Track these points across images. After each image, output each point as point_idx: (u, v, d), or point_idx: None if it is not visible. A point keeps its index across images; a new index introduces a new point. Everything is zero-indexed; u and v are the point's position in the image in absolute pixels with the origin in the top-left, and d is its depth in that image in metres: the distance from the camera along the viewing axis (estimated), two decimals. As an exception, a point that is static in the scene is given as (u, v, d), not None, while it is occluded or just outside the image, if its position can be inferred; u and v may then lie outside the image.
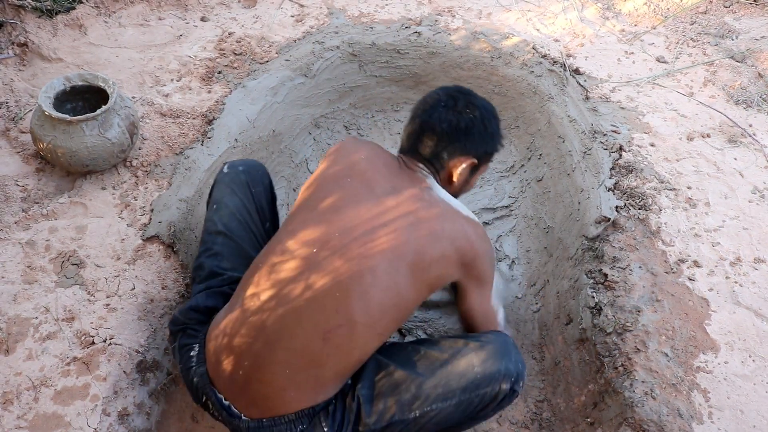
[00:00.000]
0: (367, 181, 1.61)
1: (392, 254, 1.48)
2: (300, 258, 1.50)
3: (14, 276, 1.86)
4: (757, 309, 1.87)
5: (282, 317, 1.46)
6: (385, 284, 1.47)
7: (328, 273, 1.46)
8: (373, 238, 1.49)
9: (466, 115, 1.65)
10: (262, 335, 1.46)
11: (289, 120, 2.86)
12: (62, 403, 1.61)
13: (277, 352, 1.45)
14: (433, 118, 1.65)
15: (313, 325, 1.45)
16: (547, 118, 2.79)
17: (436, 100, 1.68)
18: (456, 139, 1.65)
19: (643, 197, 2.19)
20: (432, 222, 1.53)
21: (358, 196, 1.57)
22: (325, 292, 1.45)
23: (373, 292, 1.46)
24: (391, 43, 3.00)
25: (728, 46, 2.89)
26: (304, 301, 1.45)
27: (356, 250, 1.48)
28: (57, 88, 2.10)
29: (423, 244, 1.51)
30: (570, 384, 2.07)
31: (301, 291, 1.46)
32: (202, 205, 2.24)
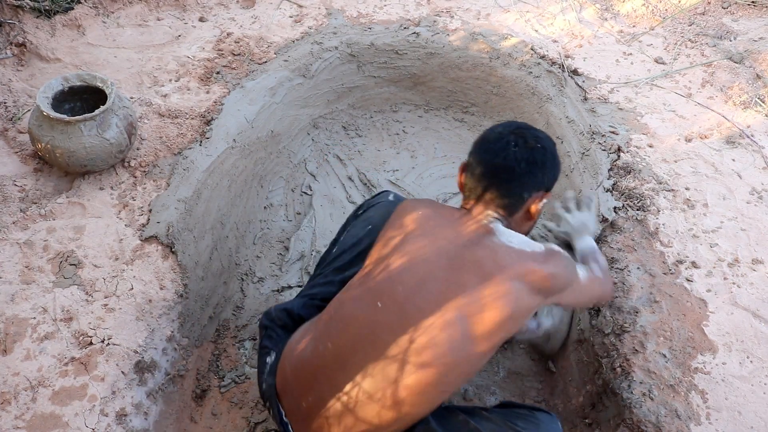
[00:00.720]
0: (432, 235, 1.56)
1: (458, 311, 1.45)
2: (366, 317, 1.50)
3: (12, 276, 1.86)
4: (755, 310, 1.87)
5: (364, 365, 1.46)
6: (452, 341, 1.44)
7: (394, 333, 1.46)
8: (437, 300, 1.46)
9: (538, 150, 1.58)
10: (329, 383, 1.48)
11: (288, 120, 2.86)
12: (60, 404, 1.61)
13: (339, 410, 1.47)
14: (509, 160, 1.56)
15: (378, 388, 1.45)
16: (546, 118, 2.79)
17: (504, 142, 1.59)
18: (534, 176, 1.58)
19: (642, 198, 2.19)
20: (495, 269, 1.47)
21: (422, 251, 1.54)
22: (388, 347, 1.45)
23: (439, 350, 1.43)
24: (389, 44, 3.01)
25: (726, 47, 2.90)
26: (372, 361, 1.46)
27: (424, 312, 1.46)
28: (55, 88, 2.10)
29: (489, 296, 1.45)
30: (568, 385, 2.07)
31: (368, 349, 1.47)
32: (200, 206, 2.24)
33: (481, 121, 3.14)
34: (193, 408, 2.02)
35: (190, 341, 2.08)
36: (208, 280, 2.23)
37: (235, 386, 2.10)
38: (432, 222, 1.59)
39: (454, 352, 1.44)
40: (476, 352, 1.47)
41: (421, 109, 3.23)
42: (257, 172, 2.68)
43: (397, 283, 1.49)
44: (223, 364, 2.17)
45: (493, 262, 1.47)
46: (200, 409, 2.04)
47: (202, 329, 2.19)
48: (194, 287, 2.11)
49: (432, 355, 1.42)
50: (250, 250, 2.57)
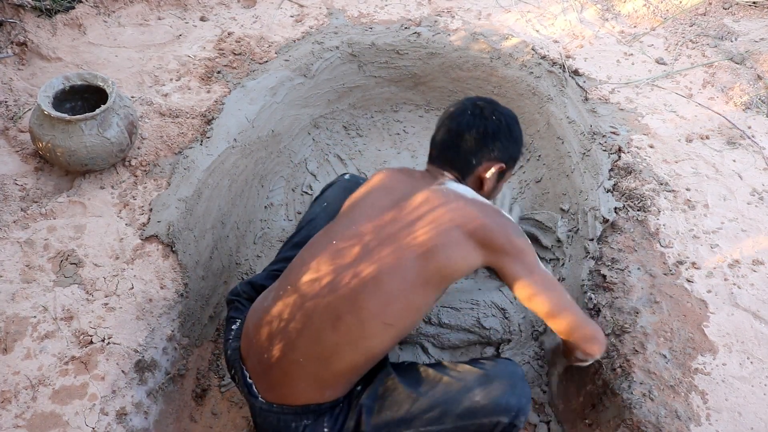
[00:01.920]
0: (387, 189, 1.70)
1: (397, 246, 1.54)
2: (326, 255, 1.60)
3: (13, 275, 1.86)
4: (755, 311, 1.87)
5: (301, 308, 1.55)
6: (391, 273, 1.52)
7: (346, 268, 1.56)
8: (382, 237, 1.57)
9: (492, 121, 1.69)
10: (288, 326, 1.56)
11: (288, 120, 2.86)
12: (60, 403, 1.61)
13: (297, 341, 1.53)
14: (461, 125, 1.69)
15: (326, 313, 1.52)
16: (546, 119, 2.79)
17: (462, 109, 1.73)
18: (484, 144, 1.69)
19: (642, 199, 2.19)
20: (436, 211, 1.56)
21: (379, 201, 1.67)
22: (342, 281, 1.55)
23: (379, 281, 1.51)
24: (390, 44, 3.01)
25: (727, 48, 2.89)
26: (321, 297, 1.55)
27: (368, 250, 1.56)
28: (56, 87, 2.10)
29: (427, 232, 1.54)
30: (568, 385, 2.07)
31: (320, 288, 1.56)
32: (201, 205, 2.24)
33: (482, 121, 3.13)
34: (193, 407, 2.02)
35: (191, 340, 2.08)
36: (208, 280, 2.23)
37: (235, 386, 2.10)
38: (392, 179, 1.74)
39: (393, 279, 1.52)
40: (413, 281, 1.53)
41: (422, 109, 3.23)
42: (258, 171, 2.68)
43: (351, 223, 1.64)
44: (223, 363, 2.17)
45: (429, 202, 1.59)
46: (200, 408, 2.04)
47: (203, 329, 2.19)
48: (195, 286, 2.11)
49: (377, 287, 1.51)
50: (250, 250, 2.57)
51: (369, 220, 1.62)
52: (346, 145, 3.08)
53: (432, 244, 1.53)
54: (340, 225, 1.67)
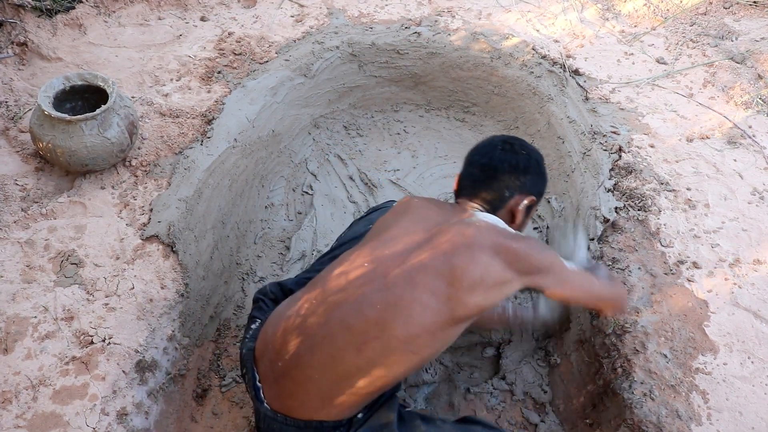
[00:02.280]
0: (419, 217, 1.70)
1: (432, 278, 1.52)
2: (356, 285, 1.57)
3: (13, 275, 1.86)
4: (756, 310, 1.87)
5: (325, 325, 1.53)
6: (425, 308, 1.50)
7: (376, 292, 1.53)
8: (414, 266, 1.55)
9: (523, 156, 1.71)
10: (308, 339, 1.53)
11: (289, 120, 2.86)
12: (61, 403, 1.61)
13: (315, 356, 1.51)
14: (494, 159, 1.71)
15: (351, 334, 1.49)
16: (547, 118, 2.79)
17: (492, 145, 1.75)
18: (517, 178, 1.70)
19: (643, 198, 2.19)
20: (467, 241, 1.56)
21: (410, 228, 1.66)
22: (370, 305, 1.51)
23: (411, 311, 1.49)
24: (390, 44, 3.01)
25: (728, 48, 2.89)
26: (351, 316, 1.52)
27: (401, 274, 1.54)
28: (56, 87, 2.10)
29: (460, 262, 1.52)
30: (569, 385, 2.07)
31: (348, 307, 1.54)
32: (201, 205, 2.24)
33: (482, 120, 3.13)
34: (193, 407, 2.02)
35: (191, 341, 2.08)
36: (209, 280, 2.23)
37: (236, 386, 2.10)
38: (421, 209, 1.73)
39: (425, 313, 1.50)
40: (446, 319, 1.52)
41: (422, 108, 3.23)
42: (258, 171, 2.68)
43: (384, 247, 1.62)
44: (224, 363, 2.17)
45: (463, 234, 1.57)
46: (201, 408, 2.04)
47: (203, 329, 2.19)
48: (195, 286, 2.11)
49: (409, 316, 1.49)
50: (251, 250, 2.57)
51: (403, 246, 1.61)
52: (346, 145, 3.08)
53: (470, 282, 1.52)
54: (373, 246, 1.65)
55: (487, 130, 3.11)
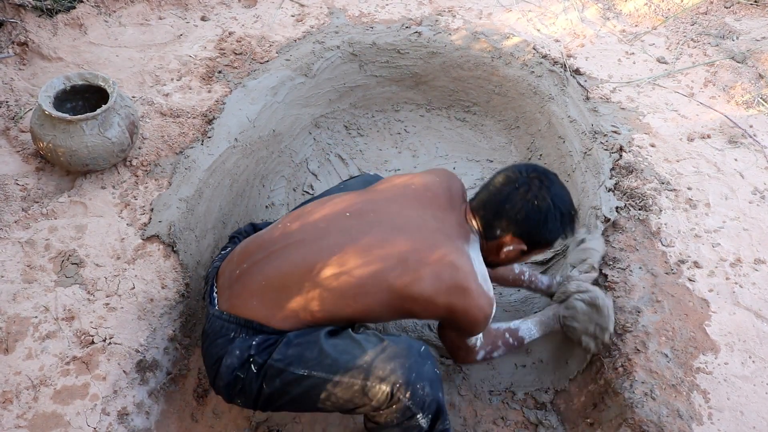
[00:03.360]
0: (425, 197, 1.77)
1: (402, 244, 1.63)
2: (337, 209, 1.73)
3: (14, 275, 1.86)
4: (757, 310, 1.87)
5: (286, 238, 1.69)
6: (382, 258, 1.61)
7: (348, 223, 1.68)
8: (397, 223, 1.67)
9: (532, 206, 1.66)
10: (265, 249, 1.69)
11: (290, 120, 2.86)
12: (62, 403, 1.61)
13: (270, 264, 1.65)
14: (502, 193, 1.70)
15: (307, 252, 1.64)
16: (548, 118, 2.79)
17: (515, 177, 1.71)
18: (513, 222, 1.68)
19: (644, 198, 2.19)
20: (445, 266, 1.61)
21: (411, 200, 1.75)
22: (329, 251, 1.62)
23: (368, 255, 1.61)
24: (391, 43, 3.00)
25: (729, 47, 2.89)
26: (316, 245, 1.65)
27: (377, 238, 1.65)
28: (57, 87, 2.10)
29: (425, 276, 1.59)
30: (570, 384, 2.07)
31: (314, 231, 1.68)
32: (202, 205, 2.24)
33: (483, 120, 3.13)
34: (194, 407, 2.02)
35: (192, 340, 2.08)
36: (209, 280, 2.23)
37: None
38: (433, 192, 1.80)
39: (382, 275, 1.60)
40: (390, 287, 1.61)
41: (423, 108, 3.23)
42: (259, 171, 2.68)
43: (368, 202, 1.75)
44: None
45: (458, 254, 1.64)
46: (202, 408, 2.04)
47: (204, 328, 2.19)
48: (196, 286, 2.11)
49: (363, 263, 1.60)
50: (251, 250, 2.57)
51: (395, 206, 1.72)
52: (347, 145, 3.08)
53: (418, 290, 1.60)
54: (364, 191, 1.81)
55: (487, 130, 3.11)
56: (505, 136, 3.06)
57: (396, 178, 1.89)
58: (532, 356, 2.21)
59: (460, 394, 2.15)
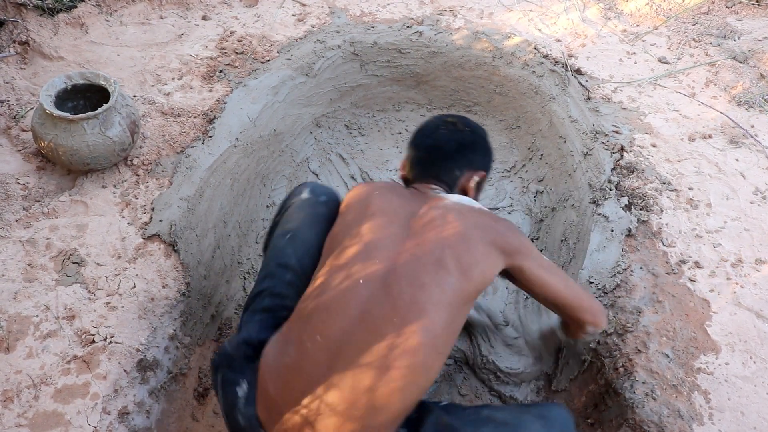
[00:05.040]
0: (389, 213, 1.59)
1: (434, 274, 1.45)
2: (349, 296, 1.45)
3: (15, 274, 1.86)
4: (758, 310, 1.87)
5: (344, 358, 1.38)
6: (438, 305, 1.43)
7: (382, 302, 1.43)
8: (413, 268, 1.46)
9: (467, 133, 1.76)
10: (326, 380, 1.37)
11: (290, 119, 2.86)
12: (62, 402, 1.61)
13: (343, 393, 1.36)
14: (439, 140, 1.73)
15: (378, 358, 1.36)
16: (549, 118, 2.79)
17: (434, 126, 1.77)
18: (464, 155, 1.74)
19: (645, 198, 2.19)
20: (455, 226, 1.52)
21: (388, 230, 1.55)
22: (383, 320, 1.40)
23: (427, 311, 1.41)
24: (392, 43, 3.00)
25: (730, 47, 2.89)
26: (365, 337, 1.39)
27: (404, 279, 1.45)
28: (58, 86, 2.10)
29: (457, 249, 1.49)
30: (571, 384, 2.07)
31: (359, 326, 1.41)
32: (203, 204, 2.24)
33: (484, 120, 3.13)
34: (195, 406, 2.02)
35: (193, 340, 2.08)
36: (210, 279, 2.23)
37: None
38: (385, 201, 1.63)
39: (439, 310, 1.42)
40: (458, 306, 1.47)
41: (424, 108, 3.23)
42: (260, 170, 2.68)
43: (368, 258, 1.49)
44: None
45: (446, 219, 1.54)
46: (202, 407, 2.04)
47: (205, 328, 2.19)
48: (196, 286, 2.11)
49: (427, 319, 1.40)
50: (252, 249, 2.57)
51: (390, 252, 1.50)
52: (348, 144, 3.08)
53: (467, 264, 1.48)
54: (355, 258, 1.51)
55: (488, 130, 3.09)
56: (506, 136, 3.06)
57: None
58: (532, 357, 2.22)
59: (461, 394, 2.15)
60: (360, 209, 1.63)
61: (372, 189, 1.69)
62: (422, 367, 1.40)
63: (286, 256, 1.65)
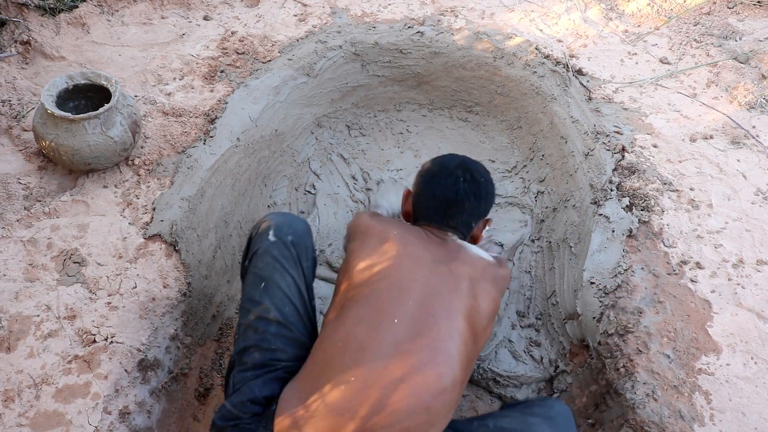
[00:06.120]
0: (413, 259, 1.63)
1: (462, 316, 1.55)
2: (382, 336, 1.47)
3: (16, 274, 1.86)
4: (759, 311, 1.87)
5: (379, 399, 1.40)
6: (464, 340, 1.53)
7: (416, 343, 1.47)
8: (445, 306, 1.55)
9: (483, 184, 1.79)
10: (360, 422, 1.38)
11: (292, 119, 2.86)
12: (63, 401, 1.61)
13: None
14: (459, 196, 1.75)
15: (417, 399, 1.41)
16: (550, 118, 2.79)
17: (455, 178, 1.77)
18: (479, 207, 1.79)
19: (646, 198, 2.19)
20: (481, 282, 1.64)
21: (413, 274, 1.59)
22: (420, 363, 1.44)
23: (456, 352, 1.49)
24: (393, 43, 3.00)
25: (732, 47, 2.89)
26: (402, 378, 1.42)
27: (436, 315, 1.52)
28: (59, 86, 2.10)
29: (482, 304, 1.61)
30: (571, 385, 2.06)
31: (394, 367, 1.43)
32: (204, 204, 2.25)
33: (485, 120, 3.13)
34: (196, 406, 2.02)
35: (193, 340, 2.08)
36: (211, 279, 2.23)
37: None
38: (407, 244, 1.67)
39: (467, 350, 1.53)
40: (480, 346, 1.61)
41: (425, 108, 3.23)
42: (261, 170, 2.68)
43: (406, 298, 1.53)
44: (226, 362, 2.17)
45: (474, 269, 1.65)
46: (203, 407, 2.04)
47: (206, 328, 2.19)
48: (197, 285, 2.11)
49: (453, 368, 1.47)
50: (253, 249, 2.57)
51: (418, 294, 1.55)
52: (349, 145, 3.08)
53: (484, 308, 1.61)
54: (386, 301, 1.53)
55: (489, 130, 3.11)
56: (508, 137, 3.06)
57: None
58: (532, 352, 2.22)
59: (462, 394, 2.15)
60: (384, 251, 1.65)
61: (392, 228, 1.72)
62: (453, 405, 1.50)
63: (264, 309, 1.63)
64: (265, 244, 1.71)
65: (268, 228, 1.74)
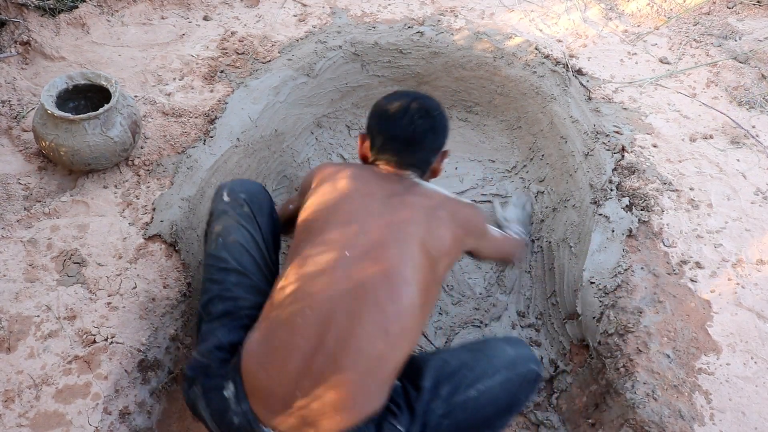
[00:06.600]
0: (366, 194, 1.67)
1: (416, 242, 1.56)
2: (334, 266, 1.51)
3: (16, 274, 1.86)
4: (759, 311, 1.87)
5: (337, 325, 1.43)
6: (419, 264, 1.54)
7: (369, 269, 1.50)
8: (397, 233, 1.57)
9: (437, 117, 1.78)
10: (321, 350, 1.41)
11: (292, 119, 2.86)
12: (63, 402, 1.61)
13: (342, 361, 1.40)
14: (417, 132, 1.74)
15: (373, 323, 1.43)
16: (550, 118, 2.79)
17: (410, 115, 1.75)
18: (436, 141, 1.79)
19: (646, 198, 2.19)
20: (436, 211, 1.65)
21: (365, 207, 1.63)
22: (373, 287, 1.47)
23: (411, 276, 1.52)
24: (393, 43, 3.00)
25: (731, 47, 2.89)
26: (357, 304, 1.45)
27: (388, 243, 1.55)
28: (59, 86, 2.10)
29: (436, 231, 1.61)
30: (571, 385, 2.07)
31: (348, 294, 1.46)
32: (204, 204, 2.25)
33: (485, 120, 3.13)
34: (196, 406, 2.02)
35: (194, 340, 2.08)
36: (211, 279, 2.23)
37: None
38: (360, 180, 1.71)
39: (422, 274, 1.55)
40: (439, 275, 1.63)
41: (425, 108, 3.23)
42: (261, 171, 2.68)
43: (356, 230, 1.57)
44: None
45: (430, 200, 1.67)
46: (203, 407, 2.04)
47: (206, 328, 2.19)
48: (198, 286, 2.11)
49: (410, 285, 1.51)
50: (253, 249, 2.57)
51: (372, 226, 1.57)
52: (349, 145, 3.08)
53: (443, 241, 1.62)
54: (338, 236, 1.57)
55: (489, 130, 3.11)
56: (507, 136, 3.06)
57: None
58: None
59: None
60: (336, 188, 1.69)
61: (346, 169, 1.76)
62: (411, 323, 1.50)
63: (223, 260, 1.69)
64: (221, 206, 1.79)
65: (222, 189, 1.82)
